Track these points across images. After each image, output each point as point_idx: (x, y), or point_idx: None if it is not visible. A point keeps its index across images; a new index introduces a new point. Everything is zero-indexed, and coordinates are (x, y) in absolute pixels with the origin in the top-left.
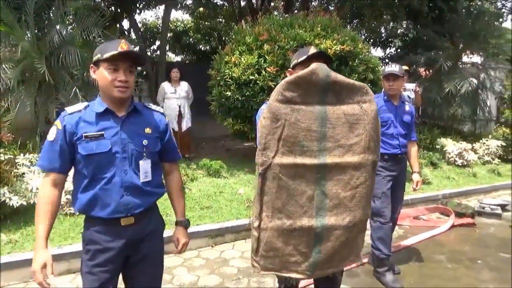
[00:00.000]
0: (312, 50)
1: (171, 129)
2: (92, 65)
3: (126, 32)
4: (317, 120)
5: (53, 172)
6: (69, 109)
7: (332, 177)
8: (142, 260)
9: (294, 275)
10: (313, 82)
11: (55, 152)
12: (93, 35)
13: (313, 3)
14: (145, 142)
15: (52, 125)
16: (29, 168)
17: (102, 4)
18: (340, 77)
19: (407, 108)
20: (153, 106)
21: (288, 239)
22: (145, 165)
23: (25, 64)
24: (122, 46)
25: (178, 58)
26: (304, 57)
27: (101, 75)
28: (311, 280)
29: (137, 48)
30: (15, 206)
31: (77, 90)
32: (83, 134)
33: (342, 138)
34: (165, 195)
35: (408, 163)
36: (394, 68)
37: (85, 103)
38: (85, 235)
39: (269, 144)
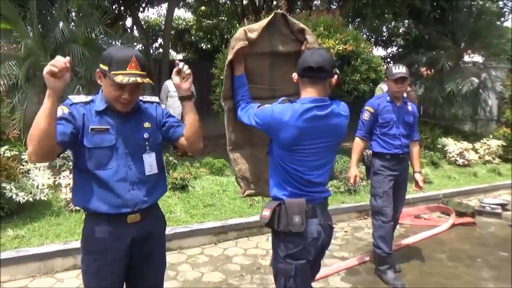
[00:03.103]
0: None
1: (167, 110)
2: (98, 70)
3: (129, 30)
4: None
5: None
6: (73, 98)
7: None
8: (147, 259)
9: None
10: None
11: (60, 127)
12: (96, 32)
13: (315, 2)
14: (146, 135)
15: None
16: (35, 164)
17: (106, 2)
18: None
19: (409, 108)
20: (147, 97)
21: None
22: (148, 158)
23: (30, 62)
24: (132, 65)
25: (180, 56)
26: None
27: (107, 87)
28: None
29: (139, 46)
30: (21, 202)
31: (80, 88)
32: (90, 127)
33: None
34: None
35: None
36: (402, 70)
37: (90, 97)
38: (87, 235)
39: None
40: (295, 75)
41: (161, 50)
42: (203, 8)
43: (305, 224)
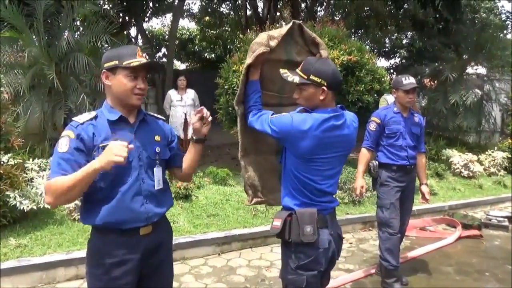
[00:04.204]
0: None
1: (174, 132)
2: (105, 71)
3: (133, 39)
4: None
5: None
6: (78, 119)
7: None
8: (157, 269)
9: None
10: None
11: (70, 161)
12: (101, 42)
13: (319, 13)
14: (157, 149)
15: (61, 135)
16: (38, 173)
17: (111, 12)
18: None
19: (416, 119)
20: (155, 114)
21: None
22: (158, 172)
23: (35, 70)
24: (139, 53)
25: (183, 66)
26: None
27: (119, 82)
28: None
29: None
30: (25, 210)
31: (85, 97)
32: (100, 145)
33: None
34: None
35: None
36: (412, 80)
37: (93, 113)
38: (96, 248)
39: None
40: (324, 90)
41: (165, 59)
42: (207, 18)
43: (316, 234)
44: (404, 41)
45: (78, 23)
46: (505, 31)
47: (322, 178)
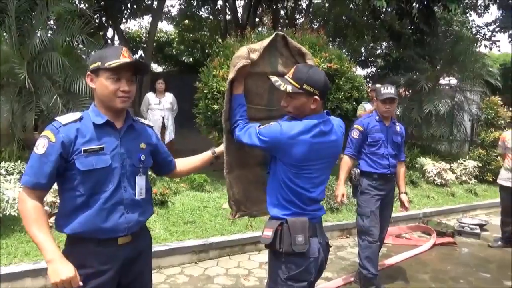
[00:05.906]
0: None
1: (161, 141)
2: (89, 73)
3: (109, 40)
4: None
5: (38, 189)
6: (62, 120)
7: None
8: (135, 279)
9: None
10: None
11: (45, 167)
12: (77, 42)
13: (298, 20)
14: (142, 157)
15: (40, 136)
16: (5, 177)
17: (88, 12)
18: None
19: (397, 128)
20: (142, 120)
21: None
22: (141, 181)
23: (4, 69)
24: (124, 54)
25: (160, 69)
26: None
27: (102, 84)
28: None
29: None
30: None
31: (58, 98)
32: (82, 149)
33: None
34: None
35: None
36: (390, 90)
37: (78, 114)
38: (71, 258)
39: None
40: (316, 99)
41: None
42: (186, 21)
43: (308, 243)
44: (380, 51)
45: (52, 21)
46: (475, 44)
47: (313, 186)
